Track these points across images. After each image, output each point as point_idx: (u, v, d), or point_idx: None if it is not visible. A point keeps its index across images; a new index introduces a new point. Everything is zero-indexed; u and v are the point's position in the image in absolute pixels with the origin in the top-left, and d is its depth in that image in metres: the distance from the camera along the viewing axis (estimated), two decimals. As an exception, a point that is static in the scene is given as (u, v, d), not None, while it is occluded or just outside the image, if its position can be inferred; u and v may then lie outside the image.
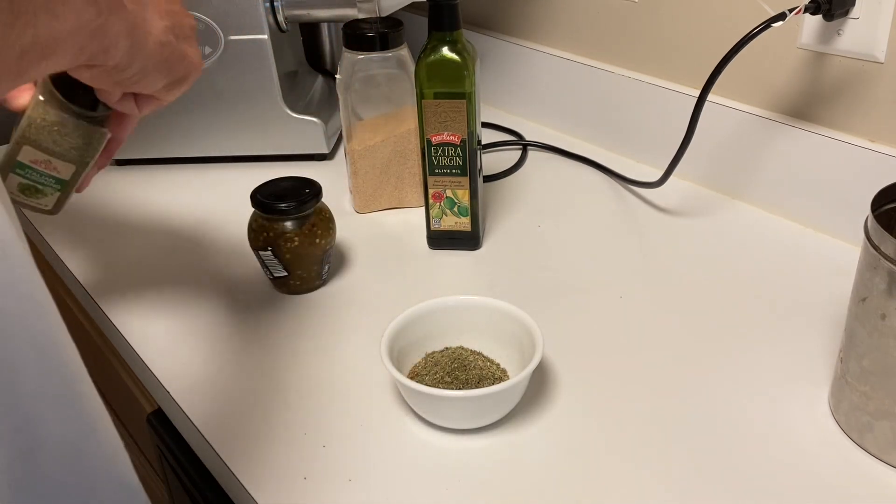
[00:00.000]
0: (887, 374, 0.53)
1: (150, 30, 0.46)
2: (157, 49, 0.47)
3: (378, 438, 0.60)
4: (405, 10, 1.01)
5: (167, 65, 0.49)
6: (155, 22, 0.47)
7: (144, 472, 1.06)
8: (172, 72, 0.50)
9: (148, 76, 0.48)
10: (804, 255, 0.80)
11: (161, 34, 0.47)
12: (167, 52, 0.48)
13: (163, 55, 0.48)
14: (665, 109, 0.93)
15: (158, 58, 0.48)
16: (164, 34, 0.48)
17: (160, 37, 0.47)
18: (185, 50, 0.51)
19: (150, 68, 0.47)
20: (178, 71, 0.51)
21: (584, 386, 0.64)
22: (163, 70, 0.49)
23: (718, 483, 0.55)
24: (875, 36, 0.73)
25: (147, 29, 0.46)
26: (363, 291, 0.78)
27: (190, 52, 0.51)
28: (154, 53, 0.47)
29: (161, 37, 0.47)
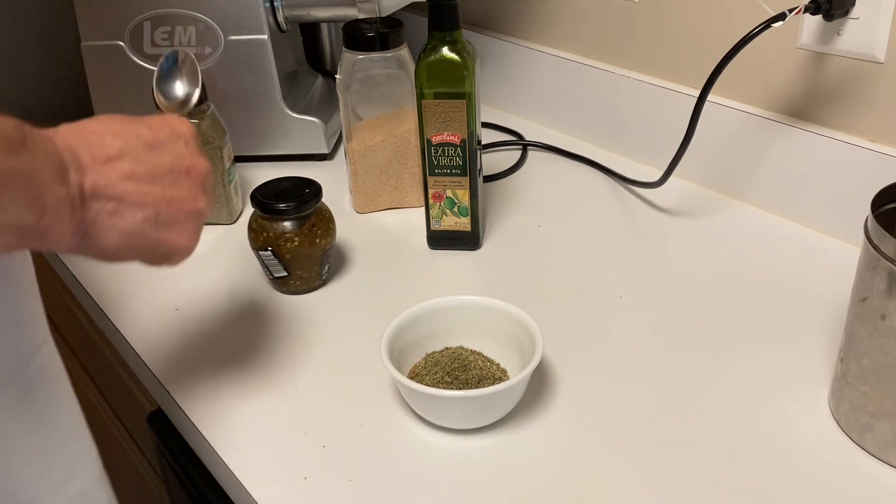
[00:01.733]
0: (887, 374, 0.53)
1: (116, 223, 0.44)
2: (121, 239, 0.45)
3: (378, 438, 0.60)
4: (405, 10, 1.01)
5: (136, 250, 0.46)
6: (127, 215, 0.44)
7: (144, 472, 1.06)
8: (145, 254, 0.47)
9: (110, 258, 0.46)
10: (804, 255, 0.80)
11: (130, 225, 0.44)
12: (135, 241, 0.45)
13: (129, 242, 0.45)
14: (665, 109, 0.93)
15: (122, 245, 0.45)
16: (134, 225, 0.45)
17: (128, 228, 0.44)
18: (165, 237, 0.47)
19: (112, 253, 0.45)
20: (153, 253, 0.48)
21: (584, 386, 0.64)
22: (132, 254, 0.46)
23: (718, 483, 0.55)
24: (875, 36, 0.73)
25: (108, 225, 0.44)
26: (363, 291, 0.78)
27: (174, 237, 0.47)
28: (115, 241, 0.44)
29: (129, 228, 0.44)
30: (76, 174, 0.42)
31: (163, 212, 0.46)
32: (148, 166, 0.45)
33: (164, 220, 0.46)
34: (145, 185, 0.45)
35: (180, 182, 0.47)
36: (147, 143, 0.46)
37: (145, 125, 0.47)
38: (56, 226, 0.41)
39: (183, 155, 0.48)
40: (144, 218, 0.45)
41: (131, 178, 0.44)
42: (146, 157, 0.46)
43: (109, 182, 0.43)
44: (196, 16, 0.95)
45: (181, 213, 0.47)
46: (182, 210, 0.47)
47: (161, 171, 0.46)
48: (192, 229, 0.48)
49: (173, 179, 0.47)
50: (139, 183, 0.45)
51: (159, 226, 0.46)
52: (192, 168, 0.48)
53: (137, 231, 0.45)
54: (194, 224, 0.48)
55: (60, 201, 0.40)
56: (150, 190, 0.45)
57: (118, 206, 0.44)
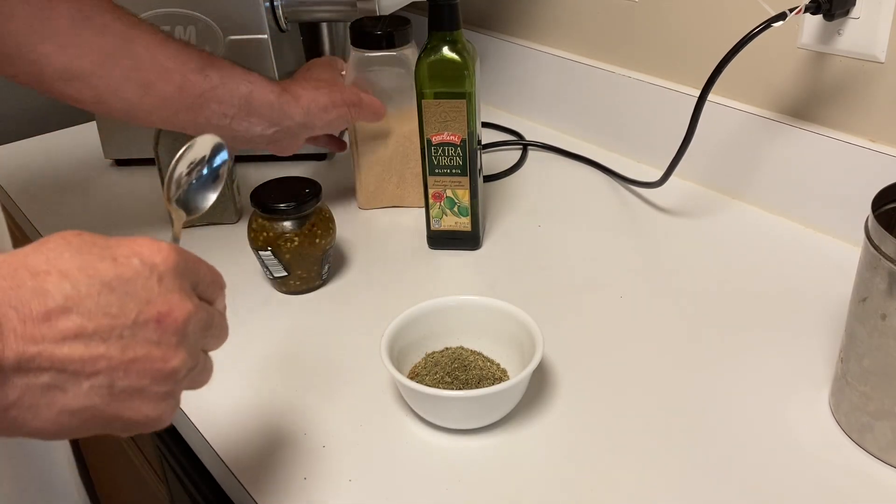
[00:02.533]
0: (887, 374, 0.53)
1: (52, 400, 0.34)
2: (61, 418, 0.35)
3: (378, 438, 0.60)
4: (405, 9, 1.01)
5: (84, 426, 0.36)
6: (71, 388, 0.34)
7: (144, 472, 1.06)
8: (96, 429, 0.37)
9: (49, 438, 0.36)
10: (804, 256, 0.80)
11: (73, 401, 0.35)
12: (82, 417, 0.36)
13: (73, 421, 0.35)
14: (665, 109, 0.93)
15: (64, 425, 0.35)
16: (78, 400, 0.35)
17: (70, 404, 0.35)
18: (123, 411, 0.36)
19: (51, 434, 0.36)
20: (107, 428, 0.37)
21: (584, 386, 0.64)
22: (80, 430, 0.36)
23: (718, 483, 0.55)
24: (875, 36, 0.73)
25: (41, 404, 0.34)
26: (363, 291, 0.78)
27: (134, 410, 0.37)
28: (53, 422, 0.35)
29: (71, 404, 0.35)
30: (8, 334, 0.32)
31: (119, 379, 0.35)
32: (102, 319, 0.35)
33: (120, 388, 0.36)
34: (97, 346, 0.35)
35: (147, 335, 0.36)
36: (106, 283, 0.35)
37: (108, 256, 0.36)
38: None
39: (153, 298, 0.36)
40: (92, 389, 0.35)
41: (77, 337, 0.34)
42: (102, 304, 0.35)
43: (43, 347, 0.33)
44: (196, 16, 0.95)
45: (145, 377, 0.36)
46: (146, 373, 0.36)
47: (121, 322, 0.35)
48: (159, 395, 0.37)
49: (137, 333, 0.36)
50: (88, 343, 0.34)
51: (114, 398, 0.36)
52: (164, 316, 0.37)
53: (83, 407, 0.35)
54: (164, 387, 0.37)
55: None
56: (104, 351, 0.35)
57: (56, 377, 0.34)
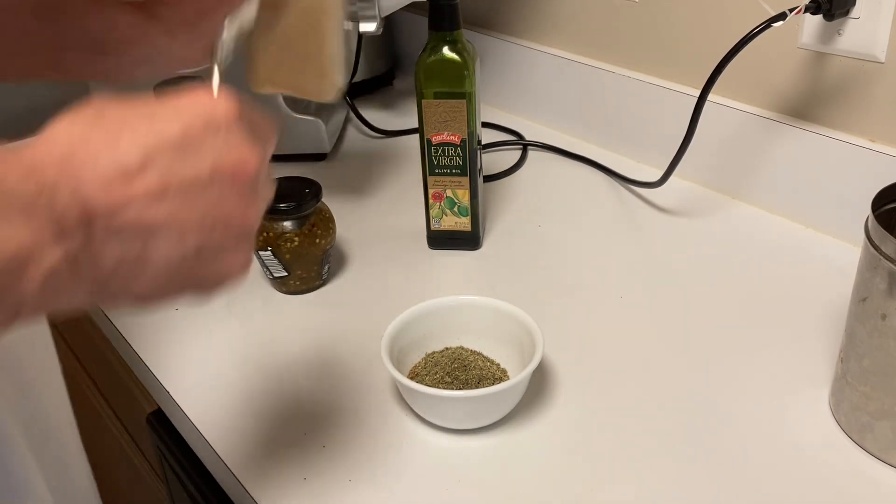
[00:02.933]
0: (887, 374, 0.53)
1: (145, 265, 0.33)
2: (155, 283, 0.35)
3: (378, 438, 0.60)
4: (405, 9, 1.01)
5: (175, 291, 0.36)
6: (161, 250, 0.33)
7: (144, 472, 1.06)
8: (185, 292, 0.37)
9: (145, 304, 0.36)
10: (804, 255, 0.80)
11: (167, 264, 0.34)
12: (174, 281, 0.35)
13: (166, 286, 0.35)
14: (665, 109, 0.93)
15: (157, 290, 0.35)
16: (173, 262, 0.34)
17: (163, 269, 0.34)
18: (212, 269, 0.36)
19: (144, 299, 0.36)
20: (197, 291, 0.37)
21: (584, 386, 0.64)
22: (171, 294, 0.36)
23: (718, 482, 0.55)
24: (875, 36, 0.73)
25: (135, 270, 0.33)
26: (363, 291, 0.78)
27: (224, 267, 0.37)
28: (147, 287, 0.35)
29: (165, 268, 0.34)
30: (77, 210, 0.31)
31: (207, 237, 0.35)
32: (181, 177, 0.33)
33: (210, 246, 0.35)
34: (182, 206, 0.33)
35: (225, 192, 0.35)
36: (176, 143, 0.33)
37: (170, 116, 0.34)
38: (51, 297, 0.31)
39: (224, 151, 0.35)
40: (184, 255, 0.34)
41: (162, 197, 0.32)
42: (179, 163, 0.33)
43: (131, 209, 0.32)
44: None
45: (230, 232, 0.36)
46: (231, 229, 0.36)
47: (200, 181, 0.34)
48: (241, 255, 0.37)
49: (216, 189, 0.34)
50: (173, 203, 0.33)
51: (204, 255, 0.35)
52: (238, 170, 0.35)
53: (178, 268, 0.34)
54: (247, 240, 0.37)
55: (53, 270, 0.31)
56: (189, 212, 0.33)
57: (147, 241, 0.33)
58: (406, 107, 1.22)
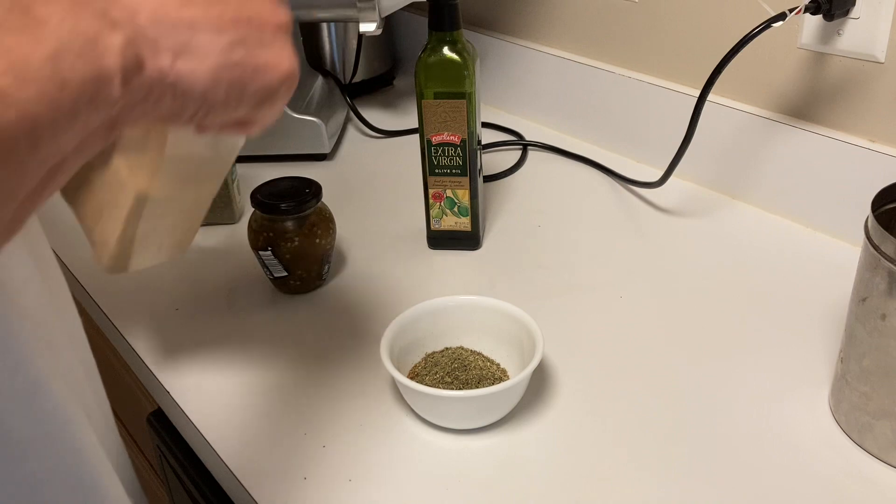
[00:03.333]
0: (887, 374, 0.53)
1: (203, 58, 0.35)
2: (218, 75, 0.36)
3: (378, 438, 0.60)
4: (405, 9, 1.01)
5: (237, 89, 0.38)
6: (209, 44, 0.36)
7: (144, 472, 1.06)
8: (249, 94, 0.38)
9: (216, 111, 0.37)
10: (804, 255, 0.80)
11: (220, 55, 0.36)
12: (233, 75, 0.37)
13: (227, 80, 0.37)
14: (665, 109, 0.93)
15: (221, 86, 0.37)
16: (223, 54, 0.36)
17: (217, 59, 0.36)
18: (261, 59, 0.38)
19: (215, 102, 0.37)
20: (258, 90, 0.39)
21: (584, 386, 0.64)
22: (233, 97, 0.38)
23: (718, 482, 0.55)
24: (875, 36, 0.73)
25: (194, 63, 0.35)
26: (363, 291, 0.78)
27: (270, 57, 0.39)
28: (213, 81, 0.36)
29: (219, 59, 0.36)
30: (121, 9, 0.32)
31: (246, 32, 0.37)
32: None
33: (252, 41, 0.37)
34: (215, 6, 0.36)
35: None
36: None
37: None
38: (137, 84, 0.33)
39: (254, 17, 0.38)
40: (231, 42, 0.36)
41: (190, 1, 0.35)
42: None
43: (168, 8, 0.34)
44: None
45: (266, 29, 0.38)
46: (266, 26, 0.38)
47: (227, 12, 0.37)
48: (285, 47, 0.39)
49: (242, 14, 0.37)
50: (209, 4, 0.36)
51: (250, 49, 0.37)
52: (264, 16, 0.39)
53: (229, 60, 0.36)
54: (283, 40, 0.39)
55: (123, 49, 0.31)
56: (223, 10, 0.36)
57: (192, 36, 0.35)
58: (406, 107, 1.22)
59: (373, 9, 0.93)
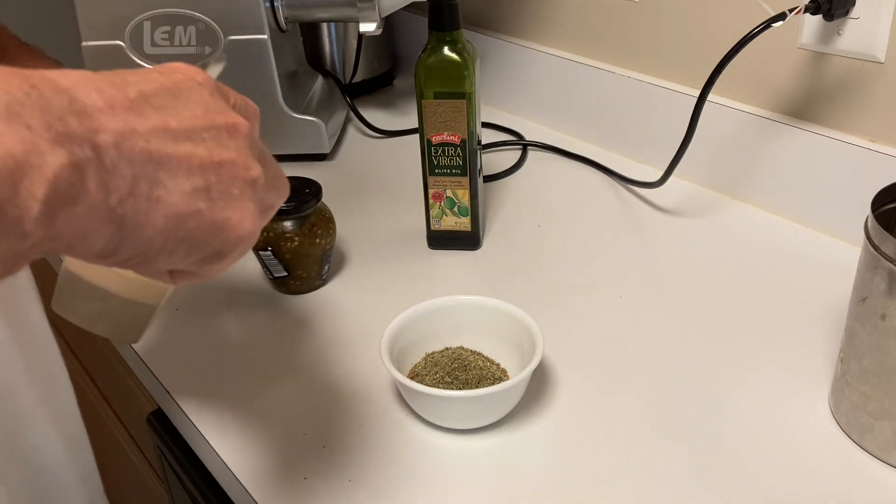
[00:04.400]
0: (887, 374, 0.53)
1: (159, 200, 0.31)
2: (170, 224, 0.32)
3: (378, 438, 0.60)
4: (405, 9, 1.01)
5: (188, 244, 0.34)
6: (171, 186, 0.32)
7: (144, 472, 1.06)
8: (198, 248, 0.34)
9: (155, 259, 0.33)
10: (804, 255, 0.80)
11: (180, 202, 0.32)
12: (187, 227, 0.33)
13: (180, 231, 0.33)
14: (665, 109, 0.93)
15: (172, 237, 0.33)
16: (185, 202, 0.32)
17: (177, 206, 0.32)
18: (222, 215, 0.34)
19: (157, 249, 0.33)
20: (209, 245, 0.35)
21: (585, 386, 0.64)
22: (182, 251, 0.34)
23: (718, 483, 0.55)
24: (875, 36, 0.73)
25: (149, 205, 0.31)
26: (363, 291, 0.78)
27: (232, 214, 0.35)
28: (162, 231, 0.32)
29: (179, 206, 0.32)
30: (79, 121, 0.28)
31: (213, 182, 0.33)
32: (181, 118, 0.32)
33: (217, 192, 0.33)
34: (184, 144, 0.32)
35: (223, 142, 0.34)
36: (166, 88, 0.33)
37: (153, 70, 0.34)
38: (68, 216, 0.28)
39: (214, 108, 0.35)
40: (195, 189, 0.32)
41: (165, 132, 0.31)
42: (173, 105, 0.33)
43: (138, 137, 0.30)
44: (196, 16, 0.95)
45: (235, 182, 0.34)
46: (235, 179, 0.34)
47: (199, 125, 0.33)
48: (251, 207, 0.36)
49: (215, 138, 0.34)
50: (176, 140, 0.32)
51: (214, 202, 0.33)
52: (233, 125, 0.35)
53: (188, 209, 0.32)
54: (251, 198, 0.36)
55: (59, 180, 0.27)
56: (192, 150, 0.32)
57: (157, 172, 0.31)
58: (406, 107, 1.22)
59: (373, 9, 0.93)
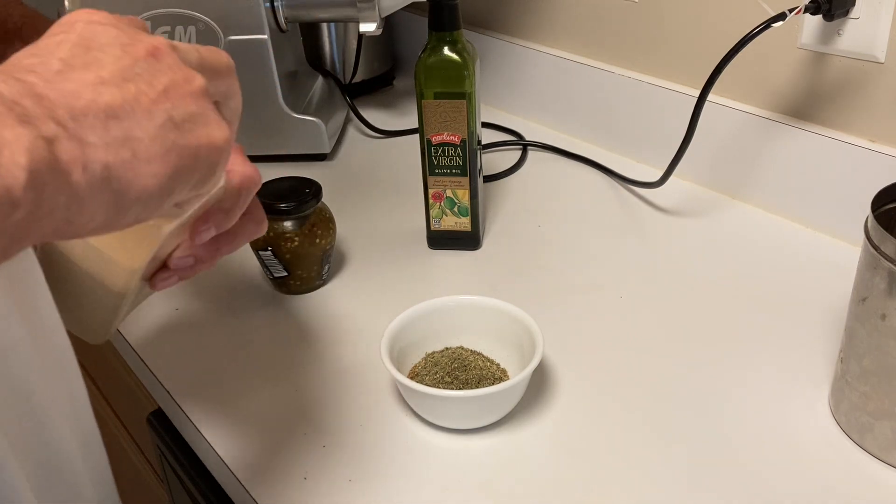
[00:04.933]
0: (887, 374, 0.53)
1: (136, 150, 0.32)
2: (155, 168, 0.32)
3: (378, 438, 0.60)
4: (405, 10, 1.01)
5: (178, 174, 0.34)
6: (139, 133, 0.32)
7: (144, 472, 1.06)
8: (189, 174, 0.34)
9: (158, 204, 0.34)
10: (804, 255, 0.80)
11: (154, 143, 0.32)
12: (172, 161, 0.33)
13: (166, 167, 0.33)
14: (665, 109, 0.93)
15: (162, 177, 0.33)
16: (158, 140, 0.32)
17: (154, 149, 0.32)
18: (197, 136, 0.34)
19: (157, 195, 0.33)
20: (198, 167, 0.35)
21: (584, 386, 0.64)
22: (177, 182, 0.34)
23: (718, 483, 0.55)
24: (875, 36, 0.73)
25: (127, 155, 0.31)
26: (363, 291, 0.78)
27: (203, 131, 0.35)
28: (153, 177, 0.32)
29: (155, 147, 0.32)
30: (33, 102, 0.29)
31: (170, 108, 0.33)
32: (107, 66, 0.32)
33: (179, 117, 0.33)
34: (126, 86, 0.32)
35: (155, 68, 0.34)
36: (78, 43, 0.32)
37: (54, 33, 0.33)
38: (57, 190, 0.28)
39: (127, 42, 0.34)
40: (160, 125, 0.32)
41: (104, 84, 0.31)
42: (93, 58, 0.32)
43: (83, 95, 0.30)
44: (196, 16, 0.95)
45: (187, 100, 0.34)
46: (186, 96, 0.34)
47: (125, 64, 0.33)
48: (213, 115, 0.36)
49: (147, 68, 0.33)
50: (119, 87, 0.32)
51: (182, 128, 0.33)
52: (152, 48, 0.34)
53: (165, 146, 0.32)
54: (208, 106, 0.36)
55: (31, 149, 0.27)
56: (136, 88, 0.32)
57: (120, 124, 0.31)
58: (406, 107, 1.22)
59: (373, 9, 0.93)
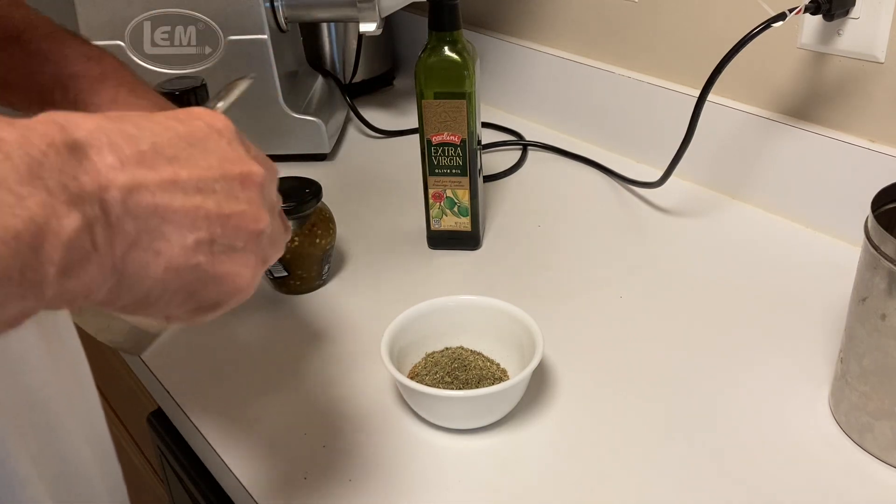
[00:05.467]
0: (887, 374, 0.53)
1: (160, 253, 0.31)
2: (168, 276, 0.32)
3: (378, 438, 0.60)
4: (405, 9, 1.01)
5: (183, 294, 0.34)
6: (174, 239, 0.32)
7: (144, 472, 1.06)
8: (194, 298, 0.34)
9: (152, 306, 0.33)
10: (804, 255, 0.80)
11: (180, 255, 0.32)
12: (186, 278, 0.33)
13: (178, 282, 0.33)
14: (665, 109, 0.93)
15: (169, 286, 0.33)
16: (185, 255, 0.32)
17: (177, 259, 0.32)
18: (221, 269, 0.34)
19: (155, 298, 0.33)
20: (205, 296, 0.34)
21: (584, 386, 0.64)
22: (177, 297, 0.34)
23: (718, 483, 0.55)
24: (875, 36, 0.73)
25: (149, 257, 0.31)
26: (363, 291, 0.78)
27: (233, 271, 0.34)
28: (161, 282, 0.32)
29: (179, 259, 0.32)
30: (90, 178, 0.29)
31: (218, 235, 0.33)
32: (193, 170, 0.32)
33: (220, 246, 0.33)
34: (194, 197, 0.32)
35: (235, 193, 0.34)
36: (183, 137, 0.33)
37: (172, 116, 0.34)
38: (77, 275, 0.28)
39: (230, 158, 0.34)
40: (197, 241, 0.32)
41: (175, 184, 0.31)
42: (187, 156, 0.32)
43: (145, 192, 0.30)
44: (196, 16, 0.95)
45: (240, 235, 0.34)
46: (241, 231, 0.34)
47: (211, 175, 0.33)
48: (253, 261, 0.35)
49: (227, 189, 0.34)
50: (186, 193, 0.32)
51: (215, 256, 0.33)
52: (247, 175, 0.35)
53: (187, 262, 0.32)
54: (255, 253, 0.36)
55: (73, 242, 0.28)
56: (201, 203, 0.32)
57: (161, 225, 0.31)
58: (406, 107, 1.22)
59: (373, 9, 0.93)
